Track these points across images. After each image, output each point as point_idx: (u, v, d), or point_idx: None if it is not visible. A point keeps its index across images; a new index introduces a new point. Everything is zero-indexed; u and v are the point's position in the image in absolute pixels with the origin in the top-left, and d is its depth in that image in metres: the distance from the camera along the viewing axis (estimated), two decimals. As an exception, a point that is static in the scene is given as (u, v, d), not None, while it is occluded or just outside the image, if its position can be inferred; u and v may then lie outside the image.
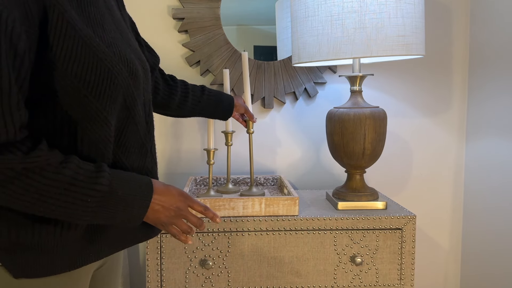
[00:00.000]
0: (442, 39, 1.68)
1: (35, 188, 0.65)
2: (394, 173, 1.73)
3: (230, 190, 1.42)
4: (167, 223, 0.81)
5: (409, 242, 1.27)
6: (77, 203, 0.68)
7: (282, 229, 1.25)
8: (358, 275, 1.28)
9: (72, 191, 0.68)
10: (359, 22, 1.19)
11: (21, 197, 0.65)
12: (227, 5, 1.59)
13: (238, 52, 1.60)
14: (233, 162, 1.68)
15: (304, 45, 1.28)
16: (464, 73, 1.70)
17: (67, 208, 0.68)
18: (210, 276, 1.25)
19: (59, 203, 0.67)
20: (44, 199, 0.66)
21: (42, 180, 0.65)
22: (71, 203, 0.68)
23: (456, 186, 1.74)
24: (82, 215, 0.70)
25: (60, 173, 0.66)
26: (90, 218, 0.71)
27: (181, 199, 0.82)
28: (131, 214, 0.74)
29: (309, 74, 1.64)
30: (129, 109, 0.79)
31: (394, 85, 1.69)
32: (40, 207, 0.67)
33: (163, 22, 1.61)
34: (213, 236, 1.24)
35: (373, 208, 1.33)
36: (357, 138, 1.30)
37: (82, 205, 0.69)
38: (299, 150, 1.70)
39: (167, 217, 0.80)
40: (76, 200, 0.68)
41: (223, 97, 1.28)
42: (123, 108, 0.78)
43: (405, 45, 1.21)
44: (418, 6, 1.23)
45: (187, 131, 1.66)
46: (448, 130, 1.72)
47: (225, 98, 1.28)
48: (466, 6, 1.67)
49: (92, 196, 0.69)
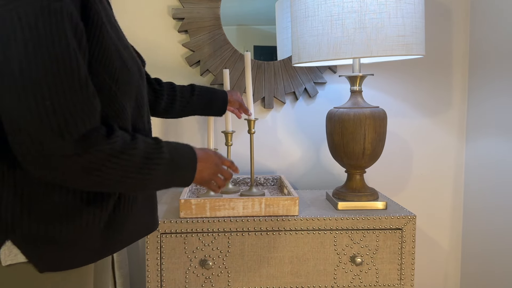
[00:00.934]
0: (442, 39, 1.68)
1: (120, 166, 0.69)
2: (394, 173, 1.73)
3: (230, 190, 1.42)
4: (209, 180, 0.89)
5: (409, 242, 1.27)
6: (151, 173, 0.73)
7: (282, 229, 1.25)
8: (358, 275, 1.28)
9: (147, 163, 0.72)
10: (359, 22, 1.19)
11: (110, 177, 0.69)
12: (227, 5, 1.59)
13: (238, 52, 1.60)
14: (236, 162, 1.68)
15: (304, 45, 1.28)
16: (464, 73, 1.70)
17: (144, 179, 0.73)
18: (210, 276, 1.25)
19: (139, 176, 0.72)
20: (128, 175, 0.70)
21: (125, 157, 0.69)
22: (147, 173, 0.72)
23: (456, 186, 1.74)
24: (153, 184, 0.75)
25: (136, 149, 0.71)
26: (157, 186, 0.76)
27: (216, 158, 0.90)
28: (185, 177, 0.81)
29: (309, 74, 1.64)
30: (139, 107, 0.83)
31: (394, 85, 1.69)
32: (125, 183, 0.71)
33: (163, 22, 1.61)
34: (213, 236, 1.24)
35: (373, 208, 1.33)
36: (357, 138, 1.30)
37: (155, 174, 0.74)
38: (299, 150, 1.70)
39: (209, 175, 0.88)
40: (150, 170, 0.73)
41: (216, 94, 1.28)
42: (135, 106, 0.82)
43: (405, 45, 1.21)
44: (418, 6, 1.23)
45: (187, 131, 1.66)
46: (448, 130, 1.72)
47: (218, 95, 1.28)
48: (466, 6, 1.67)
49: (159, 164, 0.74)
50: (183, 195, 1.30)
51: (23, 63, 0.61)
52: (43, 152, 0.63)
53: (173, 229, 1.22)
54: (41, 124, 0.62)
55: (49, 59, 0.62)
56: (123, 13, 1.59)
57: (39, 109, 0.62)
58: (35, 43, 0.62)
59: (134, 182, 0.72)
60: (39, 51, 0.62)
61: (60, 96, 0.63)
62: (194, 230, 1.23)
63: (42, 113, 0.62)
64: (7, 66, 0.62)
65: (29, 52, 0.62)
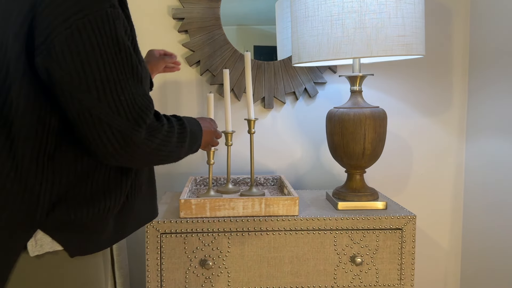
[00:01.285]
0: (442, 39, 1.68)
1: (171, 143, 0.82)
2: (394, 173, 1.73)
3: (230, 190, 1.42)
4: (210, 142, 1.08)
5: (409, 242, 1.27)
6: (184, 144, 0.87)
7: (282, 229, 1.25)
8: (358, 275, 1.28)
9: (180, 137, 0.85)
10: (359, 22, 1.19)
11: (166, 153, 0.81)
12: (227, 5, 1.59)
13: (238, 52, 1.60)
14: (233, 162, 1.68)
15: (304, 45, 1.28)
16: (464, 73, 1.70)
17: (181, 150, 0.86)
18: (210, 276, 1.25)
19: (179, 149, 0.85)
20: (174, 149, 0.83)
21: (171, 135, 0.82)
22: (182, 145, 0.86)
23: (456, 186, 1.74)
24: (184, 153, 0.89)
25: (174, 127, 0.83)
26: (184, 154, 0.90)
27: (212, 123, 1.09)
28: (198, 144, 0.95)
29: (309, 74, 1.64)
30: None
31: (394, 85, 1.69)
32: (172, 156, 0.84)
33: (163, 22, 1.61)
34: (213, 236, 1.24)
35: (373, 208, 1.33)
36: (357, 138, 1.30)
37: (185, 144, 0.87)
38: (299, 150, 1.70)
39: (211, 138, 1.07)
40: (183, 142, 0.86)
41: None
42: None
43: (405, 45, 1.21)
44: (418, 6, 1.23)
45: (187, 131, 1.66)
46: (448, 130, 1.72)
47: None
48: (466, 6, 1.67)
49: (187, 136, 0.87)
50: (183, 195, 1.30)
51: (98, 66, 0.70)
52: (124, 140, 0.73)
53: (173, 229, 1.22)
54: (120, 117, 0.71)
55: (117, 60, 0.72)
56: None
57: (117, 104, 0.71)
58: (105, 47, 0.70)
59: (177, 153, 0.86)
60: (110, 53, 0.71)
61: (130, 92, 0.73)
62: (194, 230, 1.23)
63: (119, 108, 0.71)
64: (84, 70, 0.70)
65: (102, 56, 0.70)
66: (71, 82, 0.70)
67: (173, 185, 1.68)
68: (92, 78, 0.70)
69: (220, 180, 1.57)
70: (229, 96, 1.41)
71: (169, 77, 1.63)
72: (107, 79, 0.70)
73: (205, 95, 1.65)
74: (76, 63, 0.69)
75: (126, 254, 1.59)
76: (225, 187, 1.44)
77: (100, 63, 0.70)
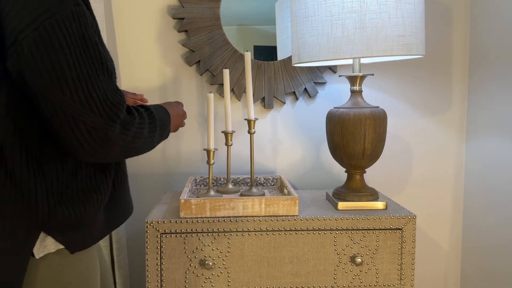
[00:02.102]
0: (442, 39, 1.68)
1: (143, 135, 0.83)
2: (394, 173, 1.73)
3: (230, 190, 1.42)
4: (179, 125, 1.10)
5: (409, 242, 1.27)
6: (157, 131, 0.89)
7: (282, 229, 1.25)
8: (358, 275, 1.28)
9: (153, 126, 0.88)
10: (359, 22, 1.19)
11: (140, 145, 0.83)
12: (227, 5, 1.59)
13: (238, 52, 1.60)
14: (233, 162, 1.68)
15: (304, 45, 1.28)
16: (464, 73, 1.70)
17: (154, 136, 0.89)
18: (210, 276, 1.25)
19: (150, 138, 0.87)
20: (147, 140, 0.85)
21: (144, 128, 0.84)
22: (153, 135, 0.88)
23: (456, 186, 1.74)
24: (155, 142, 0.91)
25: (145, 118, 0.85)
26: (157, 143, 0.92)
27: (179, 106, 1.12)
28: (168, 129, 0.98)
29: (309, 74, 1.64)
30: None
31: (394, 85, 1.69)
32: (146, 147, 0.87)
33: (163, 22, 1.61)
34: (213, 236, 1.24)
35: (373, 208, 1.33)
36: (357, 138, 1.30)
37: (156, 134, 0.89)
38: (299, 150, 1.70)
39: (179, 121, 1.10)
40: (154, 132, 0.88)
41: None
42: None
43: (405, 45, 1.21)
44: (418, 6, 1.23)
45: (187, 131, 1.66)
46: (448, 130, 1.72)
47: None
48: (466, 6, 1.67)
49: (156, 126, 0.89)
50: (183, 195, 1.30)
51: (68, 64, 0.70)
52: (99, 137, 0.73)
53: (173, 229, 1.22)
54: (93, 114, 0.72)
55: (86, 58, 0.72)
56: (123, 12, 1.59)
57: (89, 101, 0.71)
58: (74, 45, 0.70)
59: (150, 143, 0.88)
60: (78, 52, 0.71)
61: (101, 88, 0.73)
62: (194, 230, 1.23)
63: (92, 105, 0.71)
64: (55, 70, 0.69)
65: (71, 54, 0.70)
66: (42, 83, 0.69)
67: (173, 185, 1.68)
68: (63, 77, 0.69)
69: (220, 180, 1.57)
70: (229, 96, 1.41)
71: (169, 77, 1.63)
72: (78, 77, 0.70)
73: (205, 95, 1.65)
74: (46, 64, 0.69)
75: (126, 254, 1.59)
76: (225, 187, 1.44)
77: (70, 62, 0.70)
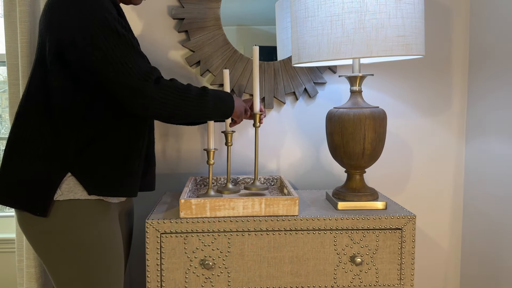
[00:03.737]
0: (442, 39, 1.68)
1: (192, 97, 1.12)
2: (394, 173, 1.73)
3: (230, 190, 1.42)
4: (241, 115, 1.29)
5: (409, 242, 1.27)
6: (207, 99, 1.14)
7: (282, 229, 1.25)
8: (358, 275, 1.28)
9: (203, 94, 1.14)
10: (359, 22, 1.19)
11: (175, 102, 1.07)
12: (227, 5, 1.59)
13: (238, 52, 1.60)
14: (233, 162, 1.68)
15: (304, 45, 1.28)
16: (464, 73, 1.70)
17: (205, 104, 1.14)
18: (210, 276, 1.25)
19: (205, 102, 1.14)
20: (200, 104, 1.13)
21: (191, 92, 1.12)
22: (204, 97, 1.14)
23: (456, 186, 1.74)
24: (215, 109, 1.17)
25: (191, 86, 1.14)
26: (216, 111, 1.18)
27: (241, 101, 1.30)
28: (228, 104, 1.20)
29: (309, 74, 1.64)
30: None
31: (394, 85, 1.69)
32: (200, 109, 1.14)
33: (163, 22, 1.61)
34: (213, 236, 1.24)
35: (373, 208, 1.33)
36: (357, 138, 1.30)
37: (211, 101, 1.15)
38: (299, 150, 1.70)
39: (241, 110, 1.28)
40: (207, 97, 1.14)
41: None
42: None
43: (405, 45, 1.21)
44: (418, 6, 1.24)
45: (187, 131, 1.66)
46: (448, 130, 1.72)
47: None
48: (466, 6, 1.67)
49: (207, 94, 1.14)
50: (183, 195, 1.30)
51: (111, 52, 1.01)
52: (138, 93, 1.02)
53: (173, 229, 1.23)
54: (131, 77, 1.01)
55: (121, 44, 1.02)
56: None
57: (128, 71, 1.01)
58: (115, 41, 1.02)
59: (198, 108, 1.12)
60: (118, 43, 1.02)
61: (134, 61, 1.03)
62: (194, 230, 1.23)
63: (130, 72, 1.01)
64: (103, 54, 1.00)
65: (114, 46, 1.01)
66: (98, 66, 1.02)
67: (173, 185, 1.68)
68: (111, 58, 1.01)
69: (220, 180, 1.57)
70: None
71: (170, 78, 1.63)
72: (118, 56, 1.01)
73: (205, 95, 1.64)
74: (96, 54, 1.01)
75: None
76: (225, 187, 1.44)
77: (111, 49, 1.01)
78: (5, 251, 1.78)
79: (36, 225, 1.08)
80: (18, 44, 1.48)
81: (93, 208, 1.11)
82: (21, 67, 1.46)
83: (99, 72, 1.01)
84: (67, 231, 1.08)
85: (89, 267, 1.09)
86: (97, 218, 1.12)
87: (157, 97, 1.03)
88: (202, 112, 1.13)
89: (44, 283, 1.54)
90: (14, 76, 1.50)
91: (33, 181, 1.07)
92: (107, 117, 1.10)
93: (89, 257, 1.09)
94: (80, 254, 1.09)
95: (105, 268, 1.12)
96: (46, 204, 1.06)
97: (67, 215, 1.08)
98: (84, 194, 1.09)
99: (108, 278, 1.12)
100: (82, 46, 1.00)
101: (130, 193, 1.16)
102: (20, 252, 1.56)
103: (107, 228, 1.13)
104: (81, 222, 1.09)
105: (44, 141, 1.07)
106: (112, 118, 1.11)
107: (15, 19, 1.49)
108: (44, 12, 1.08)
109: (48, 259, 1.10)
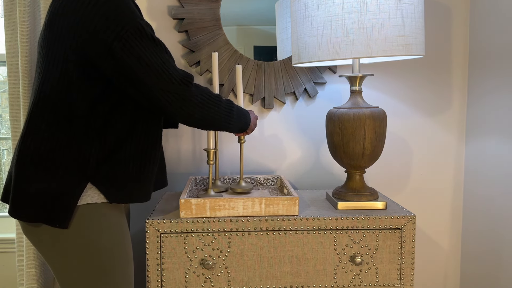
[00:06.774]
0: (442, 39, 1.68)
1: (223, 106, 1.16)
2: (394, 173, 1.73)
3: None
4: (254, 127, 1.33)
5: (409, 242, 1.27)
6: (233, 112, 1.19)
7: (282, 229, 1.25)
8: (358, 275, 1.28)
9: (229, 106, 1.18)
10: (359, 22, 1.19)
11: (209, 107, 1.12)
12: (227, 5, 1.59)
13: (238, 52, 1.60)
14: (232, 162, 1.68)
15: (304, 46, 1.28)
16: (464, 73, 1.70)
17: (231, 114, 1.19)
18: (210, 276, 1.25)
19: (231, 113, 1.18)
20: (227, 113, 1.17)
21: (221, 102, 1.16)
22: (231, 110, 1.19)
23: (456, 186, 1.74)
24: (237, 121, 1.21)
25: (220, 96, 1.17)
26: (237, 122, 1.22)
27: (256, 116, 1.36)
28: (247, 119, 1.27)
29: (309, 74, 1.64)
30: None
31: (394, 85, 1.69)
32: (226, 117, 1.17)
33: (163, 22, 1.61)
34: (213, 236, 1.24)
35: (373, 208, 1.33)
36: (357, 138, 1.30)
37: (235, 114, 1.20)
38: (299, 150, 1.70)
39: (254, 123, 1.33)
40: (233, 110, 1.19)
41: None
42: None
43: (405, 45, 1.21)
44: (418, 6, 1.24)
45: (187, 131, 1.67)
46: (448, 130, 1.72)
47: None
48: (466, 6, 1.68)
49: (233, 107, 1.19)
50: (183, 195, 1.30)
51: (152, 60, 1.02)
52: (179, 97, 1.05)
53: (173, 229, 1.23)
54: (173, 84, 1.04)
55: (158, 51, 1.03)
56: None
57: (169, 77, 1.04)
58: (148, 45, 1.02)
59: (225, 117, 1.16)
60: (156, 50, 1.03)
61: (172, 67, 1.05)
62: (194, 230, 1.23)
63: (171, 79, 1.04)
64: (145, 64, 1.01)
65: (153, 53, 1.02)
66: (137, 74, 1.02)
67: (173, 185, 1.68)
68: (154, 68, 1.02)
69: (220, 180, 1.57)
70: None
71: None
72: (159, 66, 1.03)
73: (205, 95, 1.64)
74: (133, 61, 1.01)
75: (126, 254, 1.59)
76: (238, 184, 1.45)
77: (152, 59, 1.03)
78: (5, 251, 1.78)
79: (48, 231, 1.05)
80: (18, 44, 1.48)
81: (108, 210, 1.09)
82: (21, 67, 1.47)
83: (141, 81, 1.02)
84: (85, 235, 1.05)
85: (107, 270, 1.07)
86: (112, 221, 1.10)
87: (195, 100, 1.07)
88: (227, 121, 1.17)
89: (44, 283, 1.54)
90: (14, 76, 1.51)
91: (52, 193, 1.02)
92: (127, 126, 1.09)
93: (108, 261, 1.07)
94: (98, 258, 1.06)
95: (121, 271, 1.10)
96: (68, 216, 1.03)
97: (84, 219, 1.05)
98: (101, 198, 1.07)
99: (124, 280, 1.11)
100: (120, 56, 0.99)
101: (145, 198, 1.15)
102: (20, 252, 1.57)
103: (121, 230, 1.12)
104: (97, 226, 1.07)
105: (62, 151, 1.03)
106: (132, 127, 1.10)
107: (15, 19, 1.49)
108: (66, 11, 1.02)
109: (63, 264, 1.06)
